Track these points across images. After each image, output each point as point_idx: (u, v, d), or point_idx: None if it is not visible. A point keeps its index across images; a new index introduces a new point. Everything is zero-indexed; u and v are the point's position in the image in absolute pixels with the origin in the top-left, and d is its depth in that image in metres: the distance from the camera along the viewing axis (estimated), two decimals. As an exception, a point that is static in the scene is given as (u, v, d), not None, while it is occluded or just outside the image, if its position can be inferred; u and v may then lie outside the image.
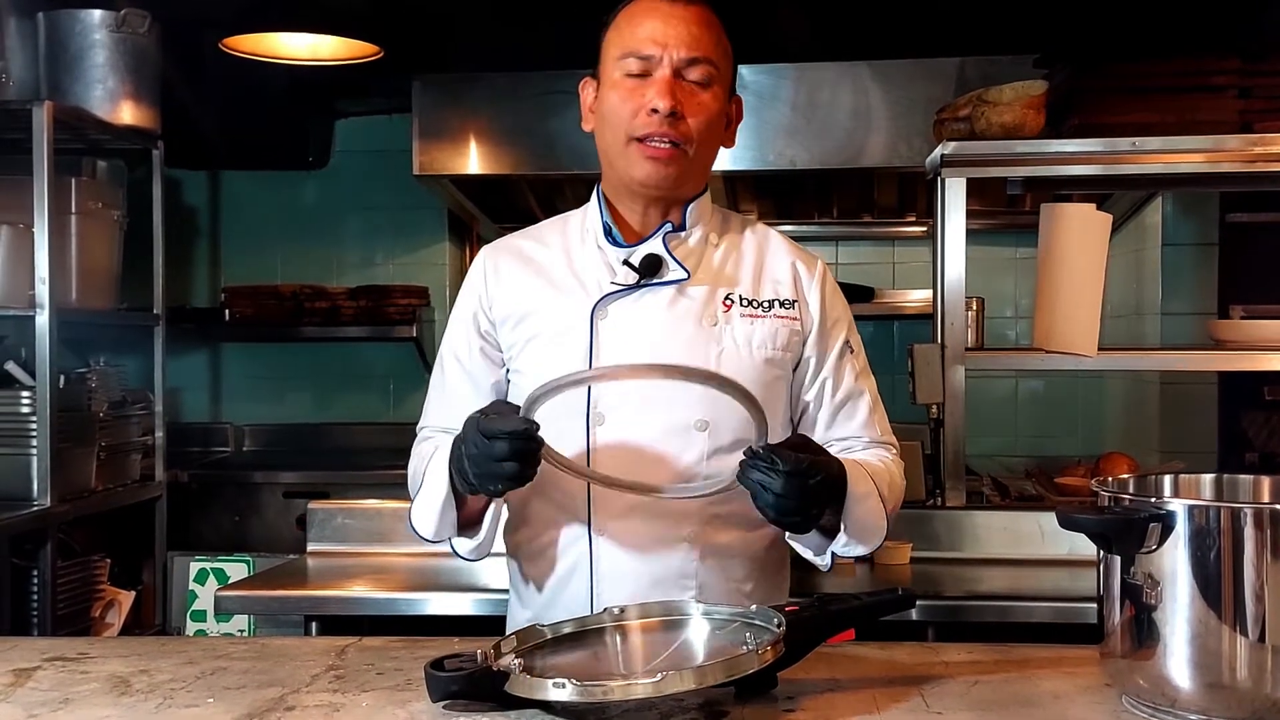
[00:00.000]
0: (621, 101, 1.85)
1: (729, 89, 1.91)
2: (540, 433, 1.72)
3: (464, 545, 1.87)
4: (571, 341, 1.84)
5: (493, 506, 1.83)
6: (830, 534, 1.81)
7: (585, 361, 1.83)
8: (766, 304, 1.89)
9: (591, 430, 1.83)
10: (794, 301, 1.91)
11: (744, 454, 1.67)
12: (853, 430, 1.94)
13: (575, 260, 1.92)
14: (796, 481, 1.63)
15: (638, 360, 1.81)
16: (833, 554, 1.83)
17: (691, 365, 1.77)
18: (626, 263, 1.87)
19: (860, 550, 1.83)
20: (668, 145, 1.83)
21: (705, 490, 1.76)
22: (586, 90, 1.95)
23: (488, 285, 1.95)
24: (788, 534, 1.84)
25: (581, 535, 1.86)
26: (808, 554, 1.86)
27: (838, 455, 1.92)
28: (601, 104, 1.90)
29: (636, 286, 1.86)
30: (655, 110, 1.82)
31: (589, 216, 1.95)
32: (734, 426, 1.82)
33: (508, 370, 1.94)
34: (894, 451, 1.97)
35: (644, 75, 1.84)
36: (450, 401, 1.96)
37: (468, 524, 1.85)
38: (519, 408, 1.69)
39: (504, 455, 1.63)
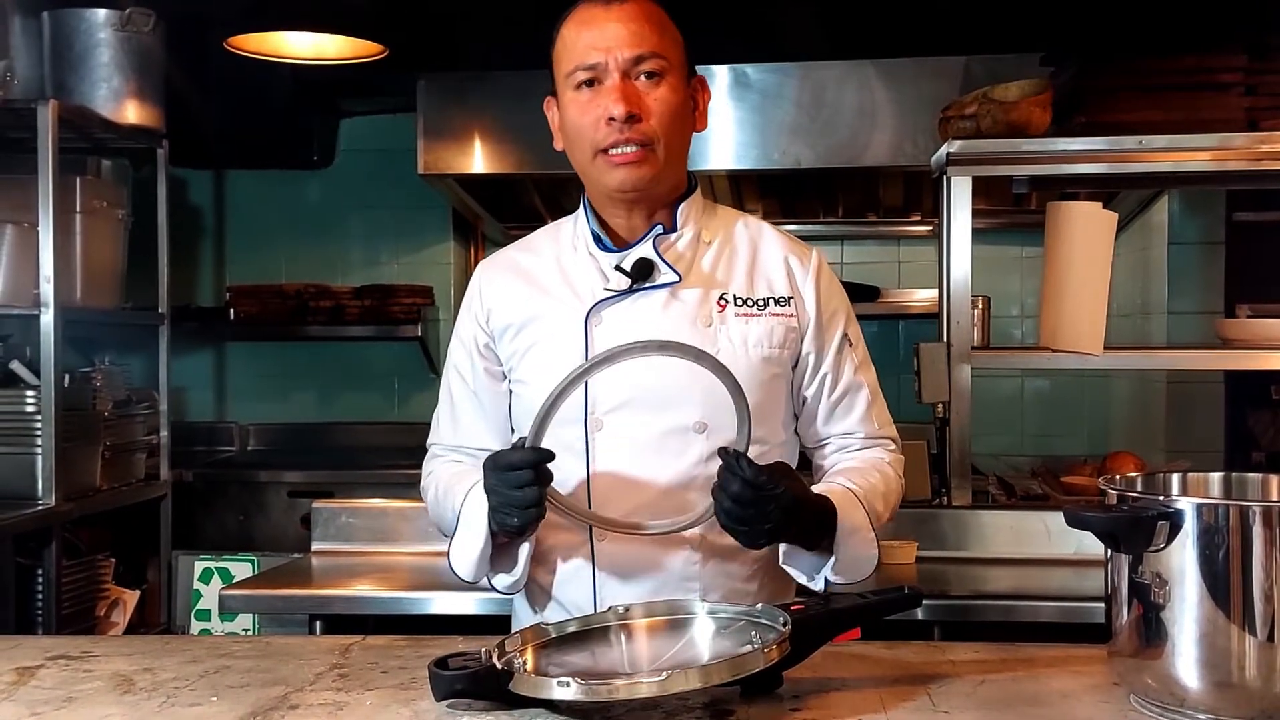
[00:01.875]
0: (580, 115, 1.84)
1: (686, 74, 1.88)
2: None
3: (502, 581, 1.87)
4: (567, 349, 1.84)
5: (527, 543, 1.83)
6: (824, 554, 1.80)
7: None
8: (761, 302, 1.88)
9: (590, 435, 1.83)
10: (789, 298, 1.89)
11: (718, 452, 1.67)
12: (850, 425, 1.93)
13: (568, 268, 1.91)
14: (752, 492, 1.63)
15: (634, 363, 1.80)
16: (826, 579, 1.81)
17: (683, 342, 1.74)
18: (618, 268, 1.86)
19: (851, 580, 1.81)
20: (634, 149, 1.81)
21: (684, 522, 1.76)
22: (550, 111, 1.94)
23: (483, 300, 1.95)
24: (780, 559, 1.82)
25: (583, 540, 1.85)
26: (801, 578, 1.84)
27: (835, 457, 1.93)
28: (564, 122, 1.89)
29: (629, 291, 1.85)
30: (613, 118, 1.80)
31: (579, 224, 1.95)
32: (733, 428, 1.81)
33: (509, 382, 1.94)
34: (893, 447, 1.97)
35: (595, 84, 1.82)
36: (457, 420, 1.99)
37: (500, 558, 1.85)
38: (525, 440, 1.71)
39: (522, 483, 1.66)
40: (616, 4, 1.83)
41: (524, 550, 1.82)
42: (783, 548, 1.79)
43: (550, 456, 1.68)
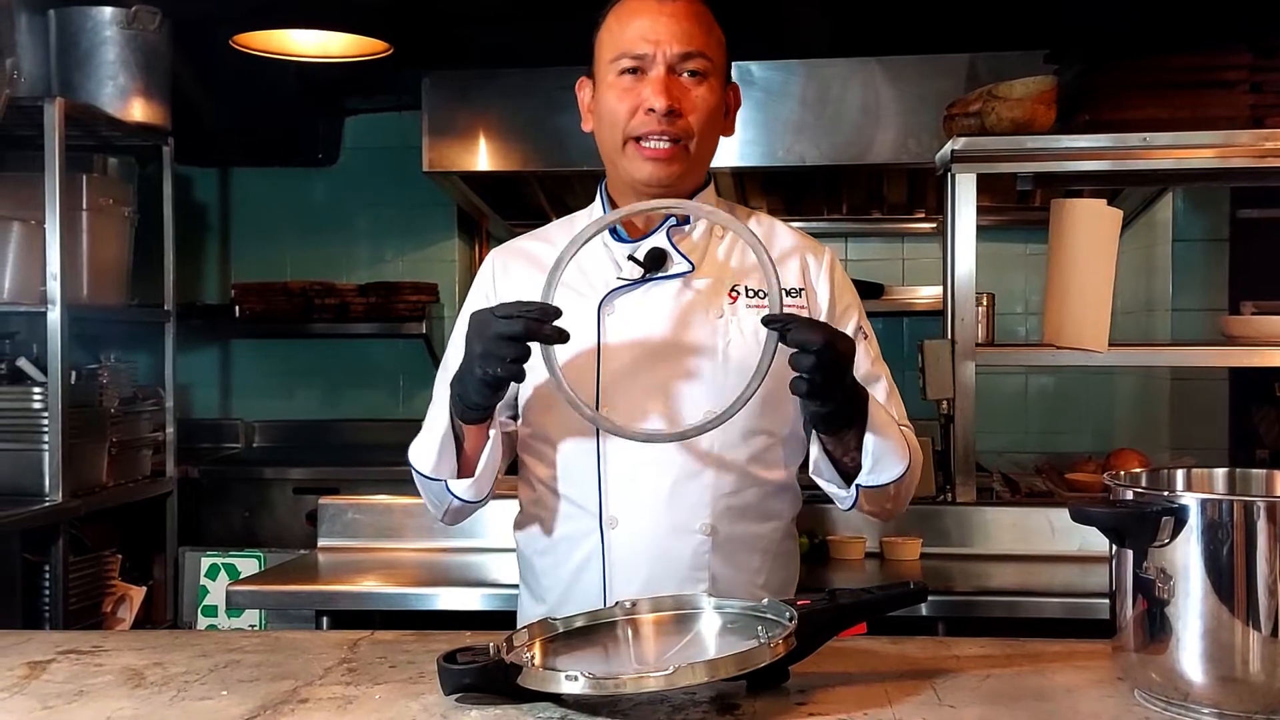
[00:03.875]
0: (618, 101, 1.85)
1: (725, 78, 1.91)
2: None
3: (460, 485, 1.86)
4: (580, 337, 1.84)
5: (488, 447, 1.82)
6: (849, 476, 1.80)
7: (594, 356, 1.84)
8: None
9: (601, 432, 1.83)
10: (800, 290, 1.91)
11: (763, 321, 1.67)
12: None
13: (581, 258, 1.91)
14: (825, 334, 1.63)
15: (644, 354, 1.83)
16: (858, 487, 1.81)
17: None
18: (631, 257, 1.87)
19: (886, 475, 1.79)
20: (667, 144, 1.83)
21: (708, 423, 1.73)
22: (583, 91, 1.95)
23: (496, 285, 1.96)
24: (811, 469, 1.82)
25: (593, 529, 1.86)
26: (831, 488, 1.84)
27: None
28: (599, 105, 1.90)
29: (642, 281, 1.87)
30: (652, 109, 1.82)
31: (593, 215, 1.96)
32: (742, 420, 1.81)
33: None
34: (910, 431, 1.98)
35: (639, 73, 1.84)
36: None
37: (464, 471, 1.85)
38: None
39: (511, 331, 1.63)
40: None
41: (485, 453, 1.82)
42: (813, 455, 1.80)
43: (555, 313, 1.65)
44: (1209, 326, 4.01)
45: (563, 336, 1.67)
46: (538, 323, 1.65)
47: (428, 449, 1.85)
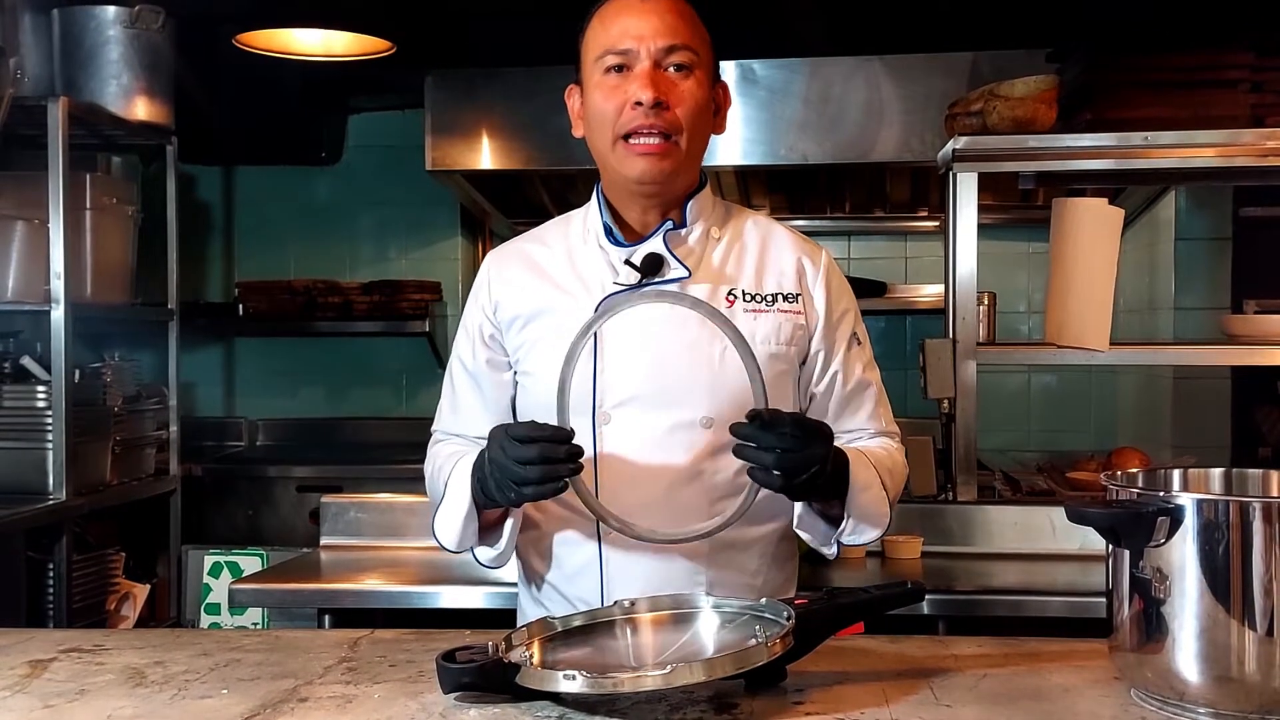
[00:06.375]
0: (605, 99, 1.85)
1: (712, 75, 1.91)
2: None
3: (485, 554, 1.89)
4: None
5: (511, 516, 1.85)
6: (836, 523, 1.82)
7: (590, 362, 1.84)
8: (769, 298, 1.89)
9: (598, 429, 1.83)
10: (798, 295, 1.91)
11: (745, 418, 1.68)
12: (859, 422, 1.95)
13: (578, 261, 1.92)
14: (799, 428, 1.66)
15: (641, 357, 1.83)
16: (839, 543, 1.84)
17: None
18: (628, 262, 1.87)
19: (866, 538, 1.84)
20: (657, 139, 1.83)
21: (708, 529, 1.77)
22: (572, 98, 1.96)
23: (492, 291, 1.96)
24: (795, 523, 1.84)
25: (590, 535, 1.87)
26: (814, 543, 1.86)
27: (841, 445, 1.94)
28: (587, 106, 1.90)
29: (638, 286, 1.86)
30: (639, 103, 1.81)
31: (590, 216, 1.95)
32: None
33: (515, 373, 1.95)
34: (897, 439, 1.99)
35: (624, 70, 1.84)
36: (459, 409, 1.99)
37: (487, 531, 1.87)
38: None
39: (527, 459, 1.66)
40: None
41: (509, 524, 1.84)
42: (798, 510, 1.81)
43: (570, 435, 1.69)
44: (1211, 325, 4.00)
45: (579, 468, 1.69)
46: (555, 462, 1.67)
47: (450, 526, 1.85)
